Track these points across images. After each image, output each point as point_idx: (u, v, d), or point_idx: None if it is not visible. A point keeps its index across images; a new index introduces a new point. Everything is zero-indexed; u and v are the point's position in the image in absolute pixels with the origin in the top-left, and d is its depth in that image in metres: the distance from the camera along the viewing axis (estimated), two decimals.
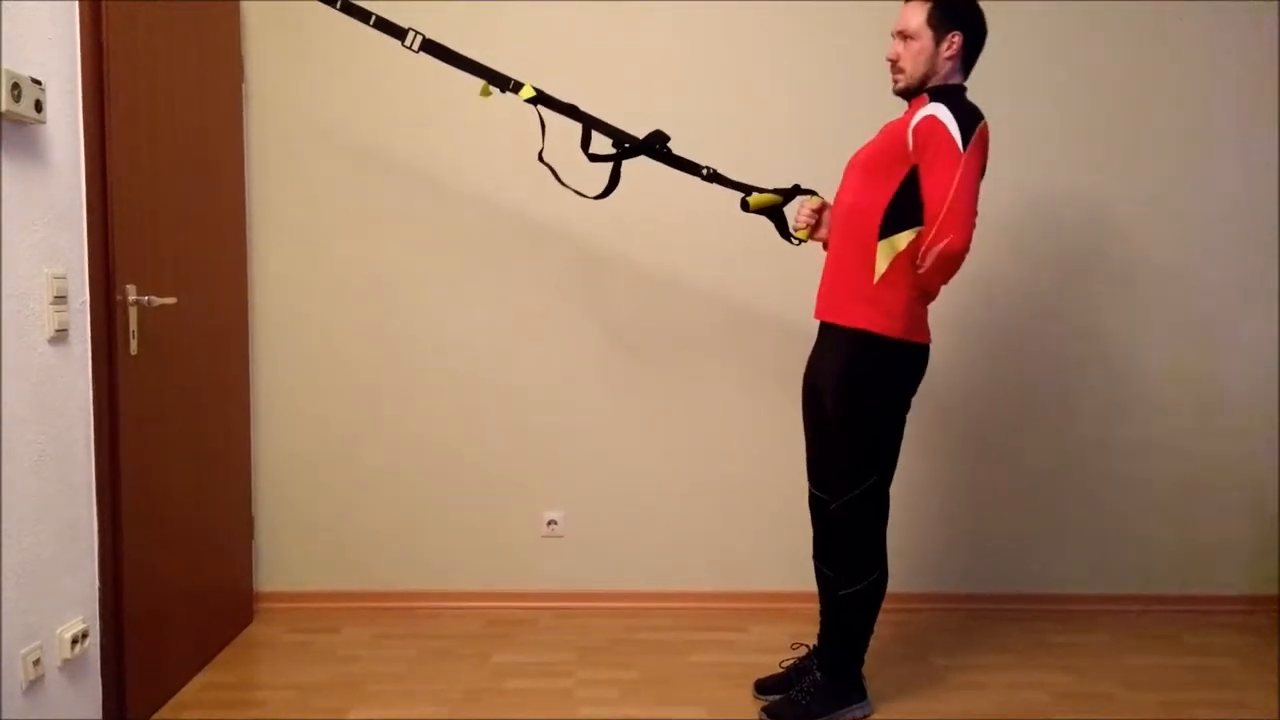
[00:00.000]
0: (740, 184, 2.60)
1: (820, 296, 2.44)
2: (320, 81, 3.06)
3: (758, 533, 3.28)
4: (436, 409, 3.19)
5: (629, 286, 3.18)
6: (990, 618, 3.25)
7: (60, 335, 2.05)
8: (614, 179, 2.61)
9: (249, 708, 2.49)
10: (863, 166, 2.34)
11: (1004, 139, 3.14)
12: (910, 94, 2.31)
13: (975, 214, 2.18)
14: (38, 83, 1.93)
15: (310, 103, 3.06)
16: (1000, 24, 3.12)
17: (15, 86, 1.85)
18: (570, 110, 2.52)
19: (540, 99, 2.49)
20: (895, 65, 2.31)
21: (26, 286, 1.95)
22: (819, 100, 3.14)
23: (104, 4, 2.15)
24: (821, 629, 2.57)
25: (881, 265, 2.26)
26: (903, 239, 2.24)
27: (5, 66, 1.84)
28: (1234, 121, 3.21)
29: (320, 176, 3.08)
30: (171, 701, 2.51)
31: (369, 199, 3.10)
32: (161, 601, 2.47)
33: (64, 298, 2.06)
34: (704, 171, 2.58)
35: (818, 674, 2.49)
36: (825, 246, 2.57)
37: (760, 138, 3.11)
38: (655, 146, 2.55)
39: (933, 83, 2.28)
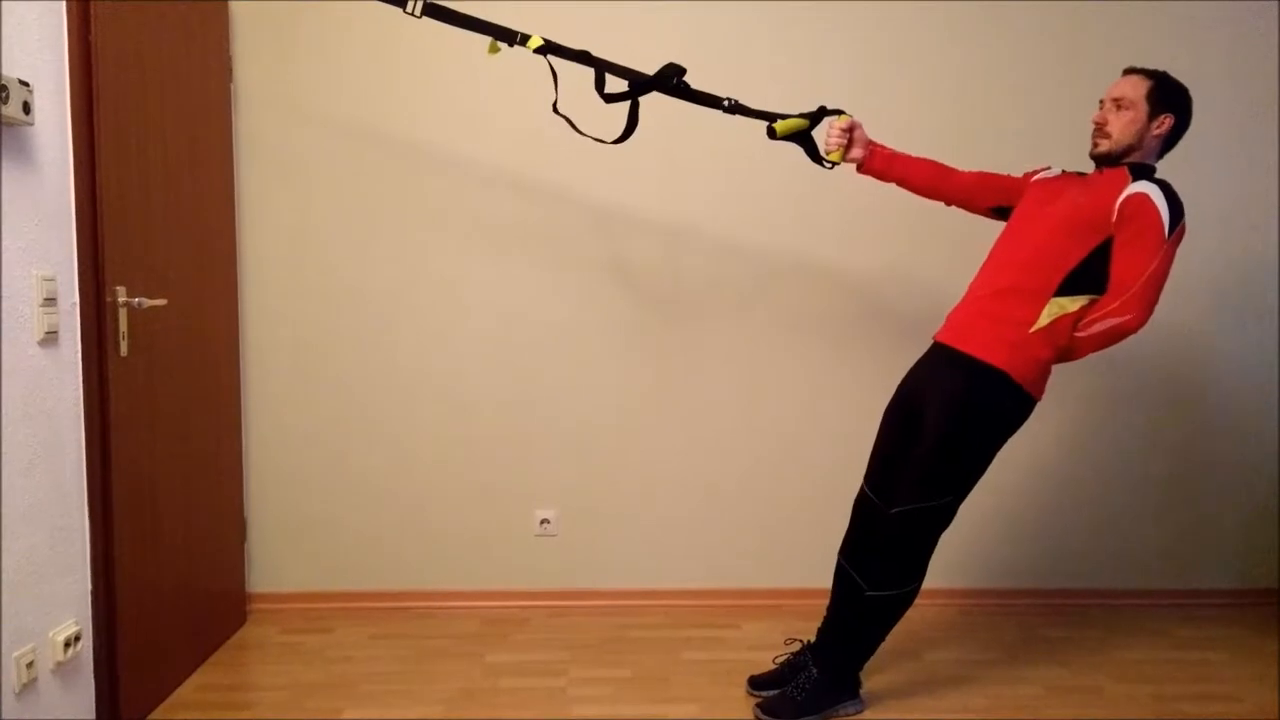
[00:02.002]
0: (764, 113, 2.53)
1: (957, 322, 2.45)
2: (310, 80, 3.05)
3: (750, 531, 3.29)
4: (428, 408, 3.18)
5: (621, 287, 3.18)
6: (982, 613, 3.26)
7: (50, 337, 2.05)
8: (632, 121, 2.53)
9: (243, 709, 2.49)
10: (1058, 223, 2.34)
11: (1000, 139, 3.18)
12: (1107, 161, 2.35)
13: (1157, 302, 2.24)
14: (25, 84, 1.92)
15: (300, 101, 3.05)
16: (996, 23, 3.17)
17: (3, 89, 1.84)
18: (582, 56, 2.46)
19: (549, 48, 2.43)
20: (1101, 129, 2.35)
21: (15, 288, 1.95)
22: (824, 90, 3.14)
23: (91, 4, 2.14)
24: (825, 626, 2.58)
25: (1045, 319, 2.31)
26: (1074, 302, 2.30)
27: None
28: (1232, 123, 3.23)
29: (310, 176, 3.08)
30: (165, 703, 2.50)
31: (358, 198, 3.10)
32: (154, 603, 2.47)
33: (53, 300, 2.05)
34: (725, 103, 2.51)
35: (814, 670, 2.49)
36: (860, 168, 2.56)
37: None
38: (671, 81, 2.47)
39: (1133, 158, 2.33)
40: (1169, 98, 2.31)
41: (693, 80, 2.49)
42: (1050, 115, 3.19)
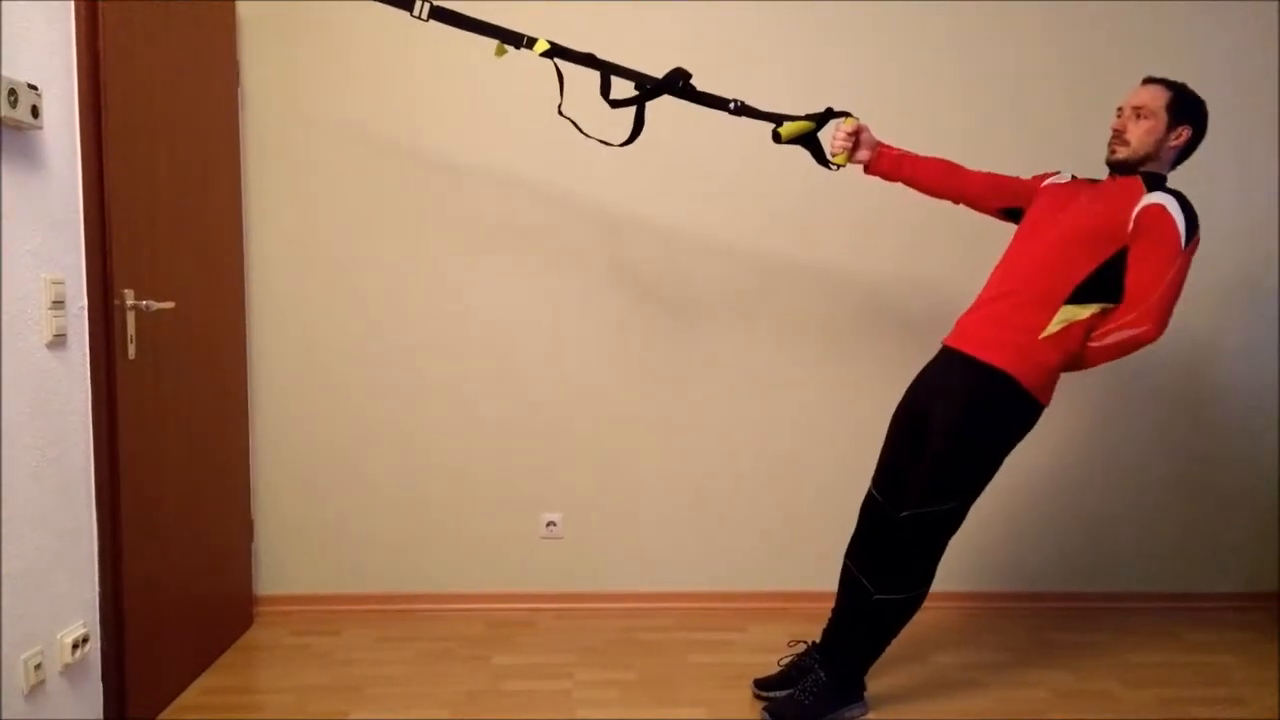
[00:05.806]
0: (770, 114, 2.52)
1: (966, 326, 2.45)
2: (317, 83, 3.05)
3: (756, 533, 3.29)
4: (435, 411, 3.19)
5: (627, 290, 3.18)
6: (990, 616, 3.26)
7: (58, 340, 2.05)
8: (638, 124, 2.54)
9: (249, 711, 2.50)
10: (1071, 231, 2.34)
11: (998, 142, 3.17)
12: (1124, 168, 2.35)
13: (1172, 313, 2.24)
14: (34, 88, 1.93)
15: (307, 105, 3.06)
16: (996, 24, 3.17)
17: (12, 92, 1.85)
18: (588, 59, 2.46)
19: (555, 51, 2.44)
20: (1120, 136, 2.35)
21: (24, 291, 1.95)
22: (822, 95, 3.14)
23: (100, 7, 2.15)
24: (831, 628, 2.58)
25: (1055, 326, 2.31)
26: (1085, 310, 2.31)
27: (2, 72, 1.85)
28: (1232, 124, 3.21)
29: (317, 179, 3.08)
30: (172, 705, 2.51)
31: (365, 201, 3.10)
32: (162, 605, 2.47)
33: (61, 303, 2.06)
34: (731, 105, 2.50)
35: (821, 673, 2.49)
36: (867, 169, 2.56)
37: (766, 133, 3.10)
38: (678, 84, 2.47)
39: (1149, 167, 2.33)
40: (1188, 110, 2.32)
41: (696, 81, 2.48)
42: (1043, 117, 3.18)
